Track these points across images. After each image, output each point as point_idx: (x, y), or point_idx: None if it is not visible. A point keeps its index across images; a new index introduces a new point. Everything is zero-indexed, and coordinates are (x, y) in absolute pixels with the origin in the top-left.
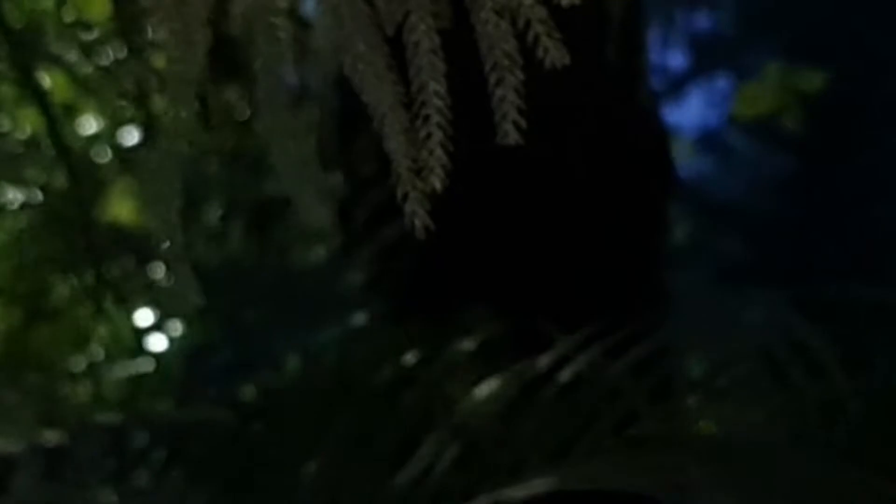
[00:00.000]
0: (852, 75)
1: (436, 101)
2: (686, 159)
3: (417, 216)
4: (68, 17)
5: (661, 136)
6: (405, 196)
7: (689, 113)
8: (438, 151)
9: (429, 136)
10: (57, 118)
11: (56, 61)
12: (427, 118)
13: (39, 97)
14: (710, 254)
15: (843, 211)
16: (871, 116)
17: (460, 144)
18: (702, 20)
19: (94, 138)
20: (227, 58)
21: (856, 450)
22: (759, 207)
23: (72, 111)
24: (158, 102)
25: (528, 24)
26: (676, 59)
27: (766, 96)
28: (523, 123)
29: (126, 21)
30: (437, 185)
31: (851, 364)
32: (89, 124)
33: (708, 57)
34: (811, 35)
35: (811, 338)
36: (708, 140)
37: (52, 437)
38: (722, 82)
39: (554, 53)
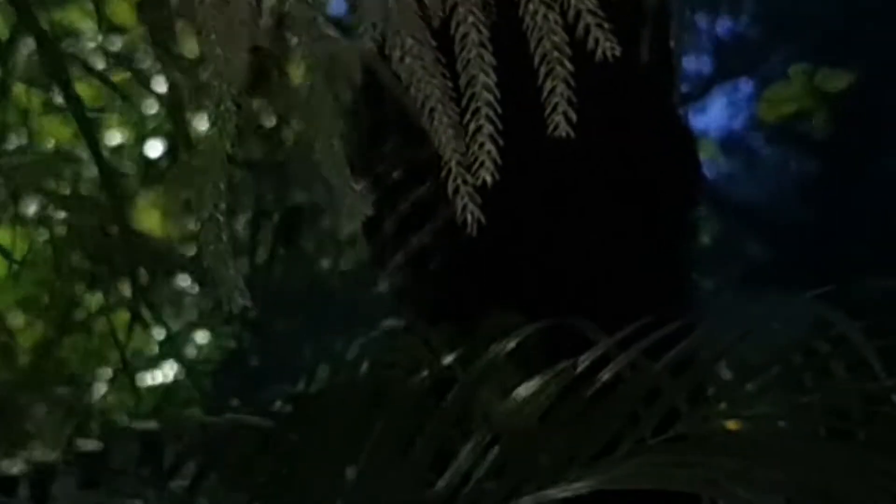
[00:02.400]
0: (877, 77)
1: (485, 94)
2: (711, 162)
3: (468, 210)
4: (98, 25)
5: (687, 139)
6: (456, 190)
7: (713, 116)
8: (489, 145)
9: (479, 129)
10: (91, 127)
11: (87, 70)
12: (477, 111)
13: (74, 106)
14: (735, 256)
15: (868, 212)
16: None
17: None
18: (725, 24)
19: (121, 149)
20: (254, 67)
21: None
22: (785, 209)
23: (98, 122)
24: (189, 111)
25: (577, 15)
26: (700, 64)
27: (790, 99)
28: (573, 116)
29: (155, 28)
30: (488, 178)
31: (889, 359)
32: (115, 135)
33: (732, 60)
34: (835, 37)
35: (851, 332)
36: (733, 143)
37: (87, 445)
38: (746, 85)
39: (605, 45)
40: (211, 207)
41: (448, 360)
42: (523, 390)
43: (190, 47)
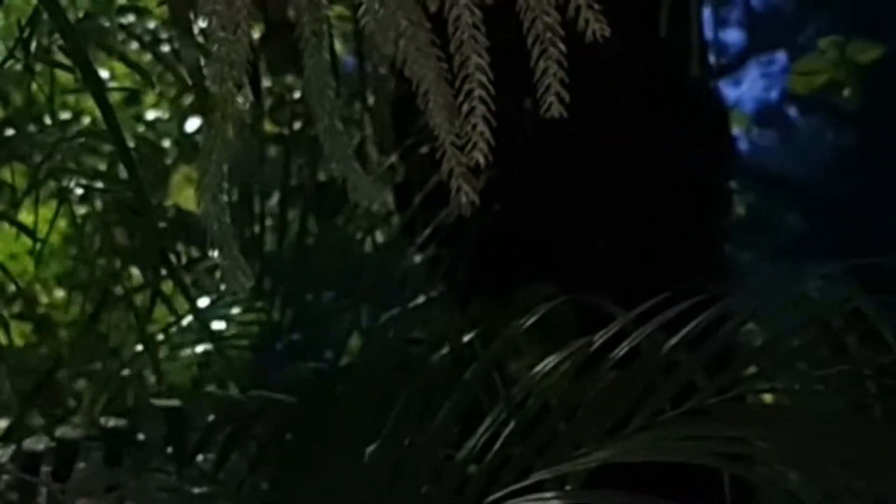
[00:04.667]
0: None
1: (478, 75)
2: (744, 134)
3: (463, 192)
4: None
5: (719, 111)
6: (450, 171)
7: (746, 89)
8: (481, 126)
9: (472, 110)
10: (113, 109)
11: (114, 51)
12: (470, 93)
13: (96, 87)
14: (768, 227)
15: None
16: None
17: (520, 122)
18: None
19: (157, 125)
20: (287, 42)
21: None
22: (817, 180)
23: (135, 98)
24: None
25: None
26: (733, 37)
27: (821, 71)
28: (566, 96)
29: (177, 8)
30: (481, 159)
31: None
32: (152, 112)
33: (766, 33)
34: (867, 8)
35: (869, 307)
36: (766, 115)
37: (114, 421)
38: (779, 57)
39: (595, 25)
40: (214, 187)
41: (472, 334)
42: (546, 363)
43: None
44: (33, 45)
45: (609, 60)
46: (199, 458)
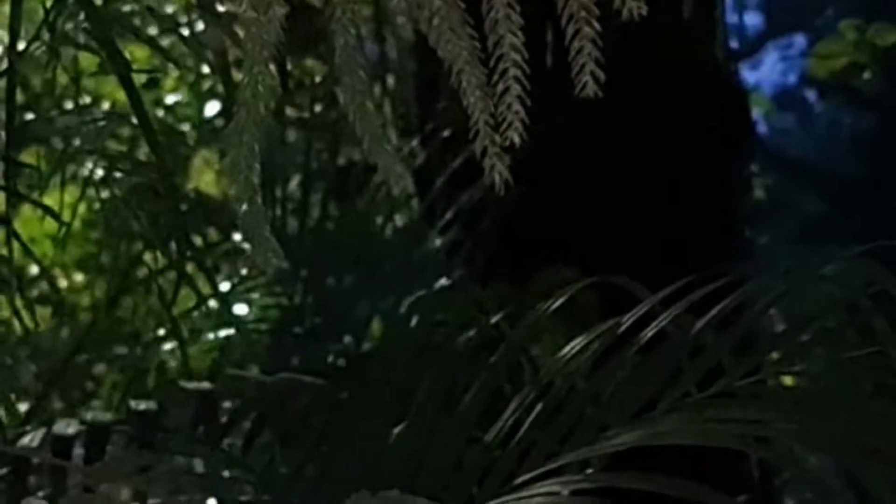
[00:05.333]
0: None
1: (513, 54)
2: (764, 118)
3: (497, 171)
4: None
5: (739, 94)
6: (484, 151)
7: (766, 72)
8: (516, 105)
9: (506, 89)
10: (138, 92)
11: (136, 33)
12: (504, 72)
13: (121, 70)
14: (788, 211)
15: None
16: None
17: (540, 105)
18: None
19: (177, 108)
20: (307, 26)
21: None
22: (837, 164)
23: (155, 82)
24: (238, 73)
25: None
26: (752, 20)
27: (841, 54)
28: (601, 75)
29: None
30: (516, 139)
31: None
32: (172, 95)
33: (785, 16)
34: None
35: (891, 288)
36: (785, 98)
37: (142, 405)
38: (798, 40)
39: (631, 3)
40: (245, 169)
41: (497, 318)
42: (571, 347)
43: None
44: (56, 29)
45: (631, 42)
46: (226, 441)
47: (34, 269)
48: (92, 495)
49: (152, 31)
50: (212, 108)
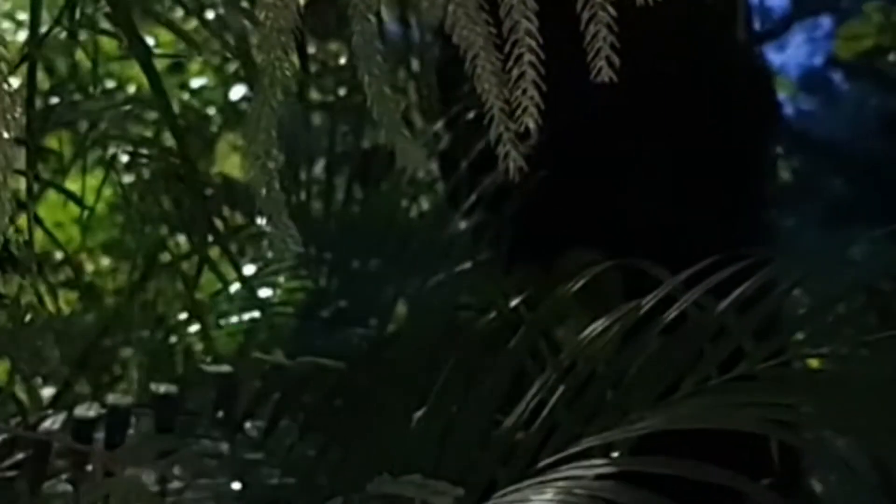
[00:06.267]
0: None
1: (528, 40)
2: (789, 100)
3: (511, 158)
4: None
5: (764, 76)
6: (499, 137)
7: (791, 54)
8: (532, 91)
9: (522, 75)
10: (159, 76)
11: (159, 18)
12: (520, 57)
13: (143, 55)
14: (813, 193)
15: None
16: None
17: (564, 89)
18: None
19: (202, 93)
20: (329, 11)
21: None
22: (862, 146)
23: (180, 67)
24: (259, 57)
25: None
26: (777, 1)
27: (867, 35)
28: (616, 60)
29: None
30: (531, 124)
31: None
32: (197, 79)
33: None
34: None
35: None
36: (810, 80)
37: (164, 388)
38: (823, 22)
39: None
40: (263, 154)
41: (518, 300)
42: (593, 329)
43: None
44: (77, 13)
45: (656, 25)
46: (248, 425)
47: (60, 254)
48: (113, 479)
49: (178, 14)
50: (237, 91)
